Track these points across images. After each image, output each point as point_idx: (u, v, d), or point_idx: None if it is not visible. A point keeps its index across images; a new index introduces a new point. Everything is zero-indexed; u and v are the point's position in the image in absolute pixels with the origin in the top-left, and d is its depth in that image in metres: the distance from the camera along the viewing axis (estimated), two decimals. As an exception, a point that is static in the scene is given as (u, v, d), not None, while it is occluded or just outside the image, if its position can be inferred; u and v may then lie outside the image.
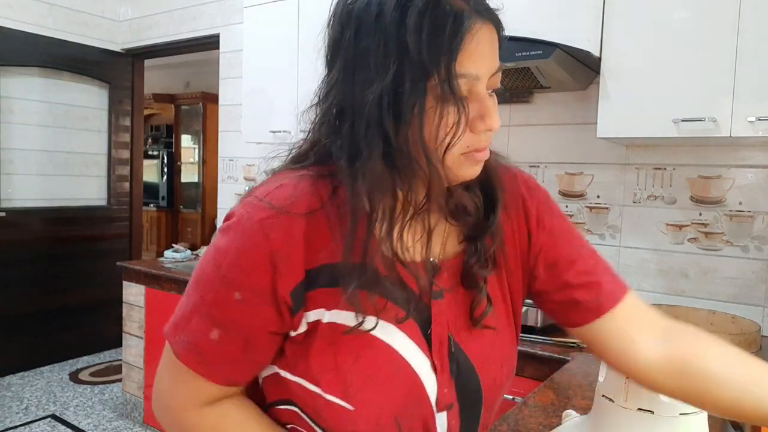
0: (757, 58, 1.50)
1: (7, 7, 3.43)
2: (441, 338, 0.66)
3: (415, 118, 0.55)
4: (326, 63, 0.62)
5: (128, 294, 2.91)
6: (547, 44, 1.71)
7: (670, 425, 0.66)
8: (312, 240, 0.59)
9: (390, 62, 0.54)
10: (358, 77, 0.56)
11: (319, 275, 0.60)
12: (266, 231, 0.58)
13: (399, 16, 0.54)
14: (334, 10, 0.60)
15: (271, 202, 0.60)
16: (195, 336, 0.62)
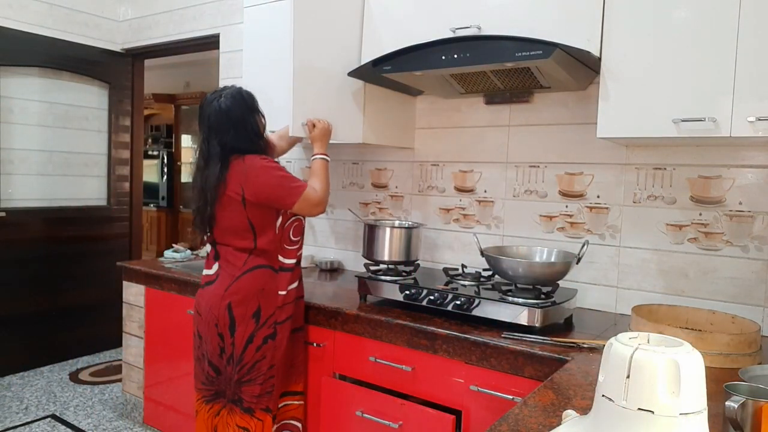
0: (757, 58, 1.50)
1: (7, 7, 3.43)
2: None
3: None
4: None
5: (128, 294, 2.90)
6: (547, 44, 1.71)
7: (670, 425, 0.66)
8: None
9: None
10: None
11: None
12: (273, 160, 2.00)
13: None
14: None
15: (265, 159, 1.95)
16: (298, 181, 1.89)
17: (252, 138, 1.88)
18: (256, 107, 1.94)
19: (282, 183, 1.82)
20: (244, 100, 1.89)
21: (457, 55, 1.86)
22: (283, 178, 1.82)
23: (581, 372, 1.40)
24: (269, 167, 1.83)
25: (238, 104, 1.86)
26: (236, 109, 1.85)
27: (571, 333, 1.76)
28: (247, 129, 1.87)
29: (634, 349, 0.70)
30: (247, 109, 1.89)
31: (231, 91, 1.89)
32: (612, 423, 0.70)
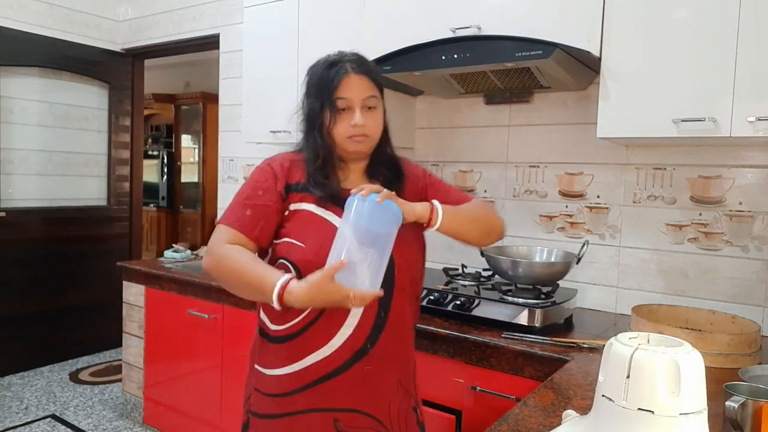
0: (757, 58, 1.50)
1: (7, 7, 3.43)
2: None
3: (317, 118, 1.22)
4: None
5: (128, 294, 2.90)
6: (547, 44, 1.71)
7: (670, 425, 0.66)
8: (290, 171, 1.26)
9: (311, 94, 1.25)
10: (305, 99, 1.28)
11: (293, 185, 1.24)
12: (270, 164, 1.27)
13: (317, 71, 1.24)
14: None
15: (272, 159, 1.29)
16: (237, 214, 1.21)
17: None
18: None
19: (233, 198, 1.26)
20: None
21: (457, 55, 1.86)
22: (237, 195, 1.25)
23: (581, 372, 1.40)
24: (250, 174, 1.29)
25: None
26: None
27: (571, 333, 1.76)
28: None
29: (634, 349, 0.70)
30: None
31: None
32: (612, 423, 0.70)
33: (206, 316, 2.45)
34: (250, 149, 3.11)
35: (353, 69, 1.20)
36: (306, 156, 1.25)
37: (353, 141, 1.21)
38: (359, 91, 1.19)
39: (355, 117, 1.19)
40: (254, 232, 1.20)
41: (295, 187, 1.24)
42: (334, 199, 1.22)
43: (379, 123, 1.24)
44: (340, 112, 1.19)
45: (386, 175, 1.29)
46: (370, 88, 1.21)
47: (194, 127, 6.29)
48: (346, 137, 1.20)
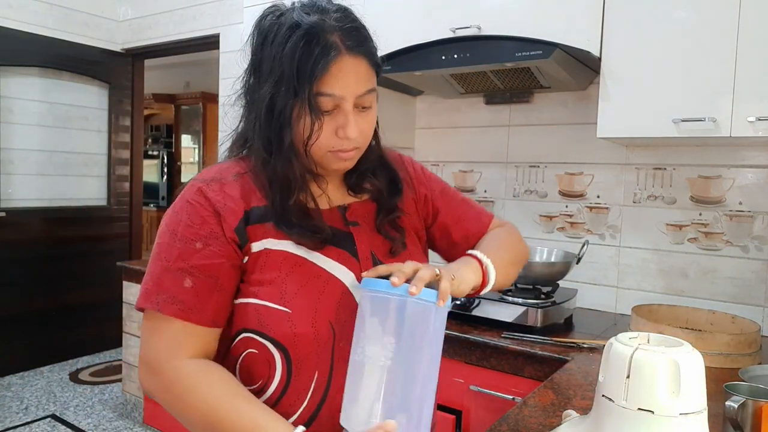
0: (757, 58, 1.50)
1: (7, 7, 3.43)
2: (365, 255, 0.86)
3: (284, 121, 0.76)
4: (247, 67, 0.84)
5: (128, 294, 2.90)
6: (547, 44, 1.71)
7: (670, 425, 0.66)
8: (244, 192, 0.81)
9: (272, 75, 0.76)
10: (256, 82, 0.81)
11: (252, 214, 0.80)
12: (204, 193, 0.79)
13: (283, 39, 0.75)
14: (255, 21, 0.83)
15: (202, 178, 0.82)
16: (171, 291, 0.76)
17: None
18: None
19: (150, 262, 0.81)
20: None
21: (457, 55, 1.86)
22: (158, 251, 0.80)
23: (581, 372, 1.40)
24: (167, 216, 0.83)
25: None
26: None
27: (571, 333, 1.76)
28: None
29: (634, 349, 0.70)
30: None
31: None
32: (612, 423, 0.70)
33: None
34: (250, 149, 3.10)
35: (348, 47, 0.75)
36: (265, 176, 0.81)
37: (338, 157, 0.80)
38: (354, 85, 0.77)
39: (349, 126, 0.77)
40: (207, 313, 0.76)
41: (253, 216, 0.80)
42: (336, 233, 0.85)
43: (373, 125, 0.85)
44: (322, 113, 0.76)
45: (376, 185, 0.91)
46: (369, 78, 0.79)
47: (194, 127, 6.30)
48: (328, 151, 0.79)
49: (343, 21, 0.77)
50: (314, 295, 0.79)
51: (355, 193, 0.91)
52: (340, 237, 0.85)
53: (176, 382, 0.75)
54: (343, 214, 0.88)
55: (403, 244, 0.91)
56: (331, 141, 0.78)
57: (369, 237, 0.88)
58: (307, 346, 0.77)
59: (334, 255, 0.83)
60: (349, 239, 0.86)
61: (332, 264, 0.82)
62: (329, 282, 0.81)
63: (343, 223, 0.87)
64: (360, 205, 0.91)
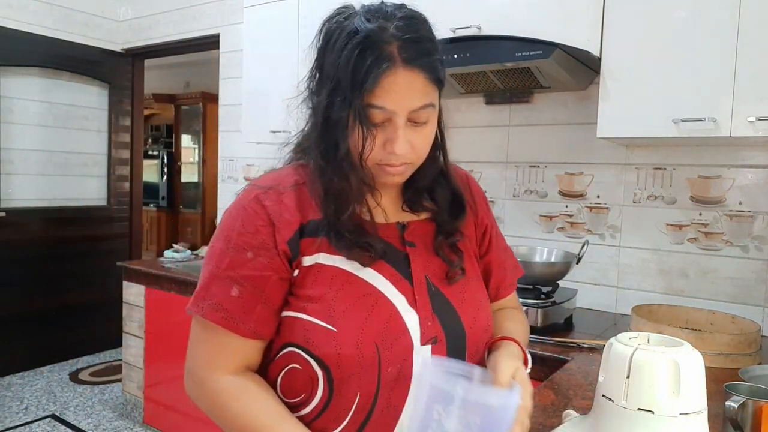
0: (757, 58, 1.50)
1: (7, 7, 3.43)
2: (419, 279, 0.82)
3: (339, 130, 0.74)
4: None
5: (128, 294, 2.90)
6: (547, 44, 1.71)
7: (670, 425, 0.66)
8: (300, 203, 0.79)
9: (330, 82, 0.74)
10: (318, 86, 0.78)
11: (308, 228, 0.78)
12: (261, 201, 0.78)
13: (342, 45, 0.72)
14: (323, 20, 0.78)
15: (260, 184, 0.80)
16: (218, 298, 0.76)
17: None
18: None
19: (203, 266, 0.82)
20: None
21: (457, 55, 1.86)
22: (211, 257, 0.80)
23: (581, 372, 1.40)
24: (223, 221, 0.83)
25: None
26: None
27: (571, 333, 1.76)
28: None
29: (634, 349, 0.70)
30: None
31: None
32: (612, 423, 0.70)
33: (206, 316, 2.44)
34: (250, 149, 3.11)
35: (404, 59, 0.71)
36: (321, 186, 0.78)
37: (385, 171, 0.77)
38: (407, 99, 0.73)
39: (396, 142, 0.74)
40: (249, 324, 0.76)
41: (308, 230, 0.78)
42: (391, 251, 0.82)
43: (429, 141, 0.80)
44: (373, 126, 0.73)
45: (440, 203, 0.88)
46: (426, 93, 0.74)
47: (194, 127, 6.29)
48: (376, 163, 0.77)
49: (404, 30, 0.72)
50: (362, 315, 0.76)
51: (411, 210, 0.87)
52: (394, 256, 0.82)
53: (216, 395, 0.77)
54: (401, 232, 0.85)
55: (461, 269, 0.87)
56: (379, 154, 0.76)
57: (425, 259, 0.84)
58: (351, 367, 0.75)
59: (386, 273, 0.80)
60: (405, 260, 0.83)
61: (383, 282, 0.79)
62: (378, 301, 0.78)
63: (400, 241, 0.84)
64: (419, 225, 0.87)
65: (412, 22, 0.74)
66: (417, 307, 0.80)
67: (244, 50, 2.73)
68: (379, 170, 0.78)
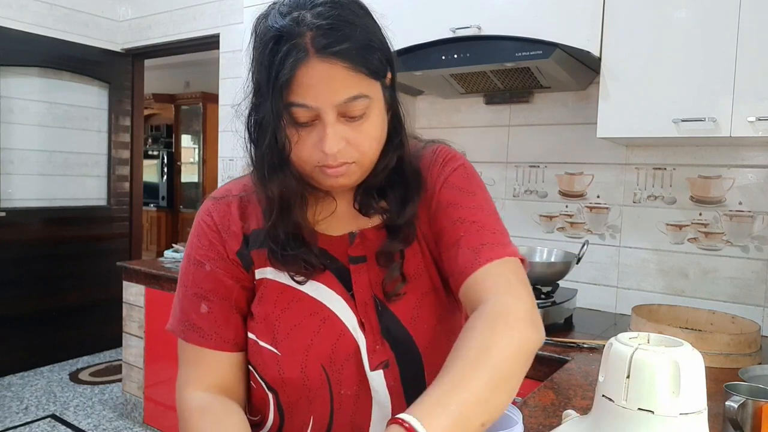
0: (757, 58, 1.50)
1: (7, 6, 3.43)
2: (365, 298, 0.75)
3: (268, 132, 0.67)
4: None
5: (128, 294, 2.90)
6: (547, 44, 1.71)
7: (670, 425, 0.66)
8: (245, 213, 0.77)
9: (252, 87, 0.70)
10: (250, 92, 0.72)
11: (251, 238, 0.76)
12: (210, 213, 0.77)
13: (258, 45, 0.67)
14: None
15: (214, 195, 0.80)
16: (189, 315, 0.75)
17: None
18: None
19: (178, 286, 0.81)
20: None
21: (457, 55, 1.86)
22: (180, 275, 0.80)
23: (581, 372, 1.40)
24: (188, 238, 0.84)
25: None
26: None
27: (571, 333, 1.76)
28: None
29: (634, 349, 0.70)
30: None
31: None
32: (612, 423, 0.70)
33: (206, 316, 2.45)
34: (250, 149, 3.10)
35: (317, 49, 0.63)
36: (259, 193, 0.74)
37: (325, 173, 0.69)
38: (328, 93, 0.65)
39: (326, 141, 0.66)
40: (227, 336, 0.75)
41: (251, 240, 0.76)
42: (335, 266, 0.76)
43: (372, 136, 0.70)
44: (300, 125, 0.67)
45: (392, 204, 0.76)
46: (352, 83, 0.65)
47: (194, 127, 6.30)
48: (315, 166, 0.69)
49: (321, 16, 0.64)
50: (307, 336, 0.72)
51: (364, 214, 0.78)
52: (341, 271, 0.76)
53: (182, 411, 0.73)
54: (349, 244, 0.76)
55: (400, 276, 0.75)
56: (315, 155, 0.68)
57: (375, 274, 0.76)
58: (297, 392, 0.73)
59: (337, 289, 0.75)
60: (348, 275, 0.75)
61: (334, 298, 0.74)
62: (327, 321, 0.73)
63: (346, 256, 0.76)
64: (371, 232, 0.77)
65: (332, 5, 0.65)
66: (365, 329, 0.73)
67: (243, 50, 2.73)
68: (320, 173, 0.69)
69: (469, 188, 0.82)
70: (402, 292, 0.75)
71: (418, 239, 0.78)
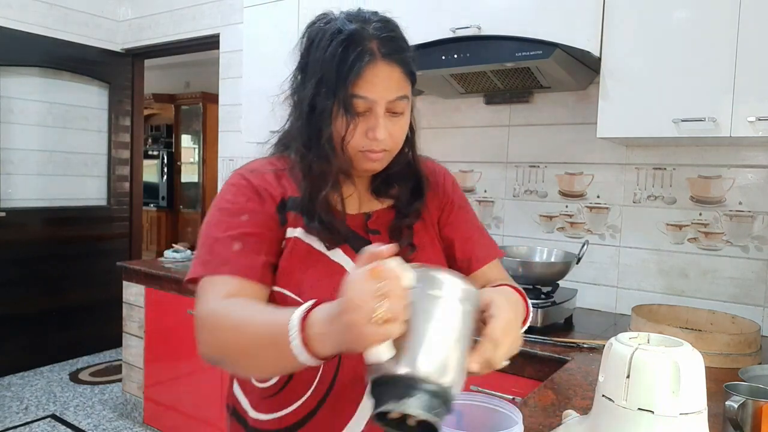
0: (757, 58, 1.50)
1: (7, 7, 3.43)
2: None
3: (324, 120, 0.82)
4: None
5: (128, 294, 2.90)
6: (547, 44, 1.71)
7: (670, 425, 0.66)
8: (280, 182, 0.88)
9: (315, 77, 0.82)
10: (302, 83, 0.86)
11: (288, 202, 0.87)
12: (246, 177, 0.88)
13: (326, 44, 0.81)
14: (306, 26, 0.89)
15: (244, 169, 0.90)
16: (221, 255, 0.81)
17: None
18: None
19: (201, 239, 0.87)
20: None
21: (457, 55, 1.86)
22: (207, 228, 0.86)
23: (581, 372, 1.40)
24: (215, 199, 0.91)
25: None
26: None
27: (571, 333, 1.76)
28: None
29: (634, 349, 0.70)
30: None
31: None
32: (612, 423, 0.70)
33: (206, 316, 2.45)
34: (250, 149, 3.10)
35: (383, 54, 0.80)
36: (301, 169, 0.87)
37: (367, 157, 0.85)
38: (386, 90, 0.81)
39: (378, 129, 0.81)
40: (255, 270, 0.82)
41: (289, 204, 0.87)
42: (356, 237, 0.89)
43: (404, 131, 0.89)
44: (356, 115, 0.81)
45: (403, 190, 0.94)
46: (402, 85, 0.83)
47: (194, 127, 6.30)
48: (359, 151, 0.84)
49: (381, 30, 0.82)
50: (328, 291, 0.75)
51: (378, 197, 0.95)
52: (359, 242, 0.88)
53: (212, 315, 0.76)
54: (365, 221, 0.92)
55: (411, 245, 0.92)
56: (362, 141, 0.83)
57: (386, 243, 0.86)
58: None
59: (353, 257, 0.87)
60: (367, 244, 0.82)
61: (351, 264, 0.86)
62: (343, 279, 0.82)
63: (364, 229, 0.92)
64: (383, 213, 0.94)
65: (388, 24, 0.85)
66: None
67: (243, 50, 2.73)
68: (362, 157, 0.85)
69: (466, 199, 1.06)
70: (411, 258, 0.87)
71: (424, 220, 0.96)
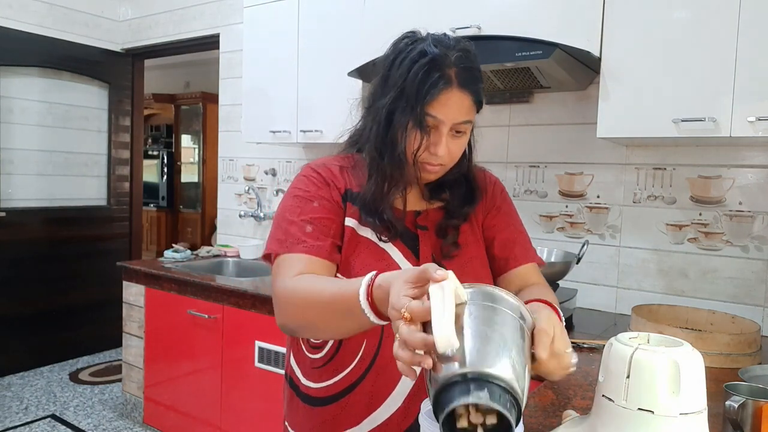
0: (757, 58, 1.50)
1: (7, 7, 3.43)
2: (426, 255, 0.99)
3: (399, 130, 0.91)
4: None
5: (128, 294, 2.90)
6: (547, 44, 1.71)
7: (670, 425, 0.66)
8: (344, 176, 1.00)
9: (395, 90, 0.90)
10: (381, 92, 0.94)
11: (349, 194, 0.99)
12: (316, 170, 1.00)
13: (411, 63, 0.89)
14: (393, 41, 0.96)
15: (313, 164, 1.02)
16: (296, 235, 0.93)
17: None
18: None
19: (276, 221, 1.00)
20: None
21: (457, 55, 1.86)
22: (281, 214, 0.99)
23: (581, 372, 1.40)
24: (289, 188, 1.04)
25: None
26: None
27: (571, 333, 1.76)
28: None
29: (634, 349, 0.70)
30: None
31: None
32: (612, 423, 0.70)
33: (206, 316, 2.44)
34: (250, 149, 3.11)
35: (459, 82, 0.89)
36: (370, 170, 0.97)
37: (424, 168, 0.94)
38: (455, 114, 0.90)
39: (439, 146, 0.91)
40: (325, 248, 0.93)
41: (350, 196, 0.99)
42: (406, 232, 1.00)
43: (462, 149, 0.97)
44: (424, 129, 0.90)
45: (454, 195, 1.03)
46: (469, 112, 0.92)
47: (194, 127, 6.29)
48: (420, 161, 0.93)
49: (461, 60, 0.90)
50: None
51: (429, 200, 1.04)
52: (408, 237, 1.00)
53: (289, 289, 0.88)
54: (415, 217, 1.02)
55: (454, 243, 1.01)
56: (423, 154, 0.92)
57: (434, 241, 1.01)
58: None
59: (401, 249, 0.99)
60: (416, 240, 1.00)
61: (399, 256, 0.97)
62: (390, 267, 0.94)
63: (413, 225, 1.01)
64: (432, 212, 1.04)
65: (469, 54, 0.92)
66: None
67: (243, 50, 2.73)
68: (421, 167, 0.95)
69: (513, 207, 1.16)
70: (454, 255, 1.00)
71: (471, 222, 1.05)
